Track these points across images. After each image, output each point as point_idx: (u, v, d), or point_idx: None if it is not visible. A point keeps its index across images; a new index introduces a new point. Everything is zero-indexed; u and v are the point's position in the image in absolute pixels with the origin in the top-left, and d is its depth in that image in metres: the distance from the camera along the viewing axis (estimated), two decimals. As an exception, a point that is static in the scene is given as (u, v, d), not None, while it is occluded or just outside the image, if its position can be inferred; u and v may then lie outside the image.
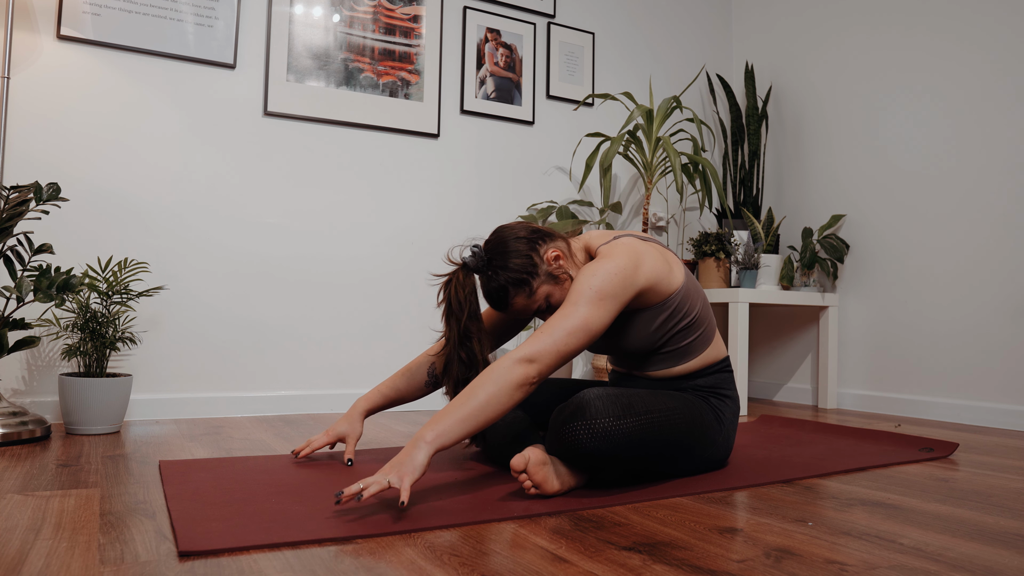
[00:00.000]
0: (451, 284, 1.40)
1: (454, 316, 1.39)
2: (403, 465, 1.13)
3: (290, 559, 0.94)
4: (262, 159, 2.44)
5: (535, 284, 1.40)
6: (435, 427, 1.17)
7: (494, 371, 1.23)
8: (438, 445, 1.16)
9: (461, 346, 1.39)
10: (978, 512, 1.27)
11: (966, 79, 2.62)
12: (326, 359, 2.52)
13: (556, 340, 1.26)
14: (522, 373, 1.23)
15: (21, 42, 2.12)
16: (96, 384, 1.90)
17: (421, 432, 1.17)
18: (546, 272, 1.41)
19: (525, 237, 1.42)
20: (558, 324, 1.28)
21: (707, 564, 0.95)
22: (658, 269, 1.41)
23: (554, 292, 1.43)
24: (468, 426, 1.19)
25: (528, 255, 1.40)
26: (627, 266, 1.35)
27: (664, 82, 3.36)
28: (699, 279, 3.02)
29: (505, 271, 1.39)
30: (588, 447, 1.26)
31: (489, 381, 1.22)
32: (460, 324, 1.38)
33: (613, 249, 1.39)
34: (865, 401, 2.89)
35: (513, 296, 1.40)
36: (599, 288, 1.31)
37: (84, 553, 0.95)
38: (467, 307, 1.38)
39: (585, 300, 1.30)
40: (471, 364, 1.39)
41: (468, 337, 1.39)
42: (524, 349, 1.25)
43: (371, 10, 2.64)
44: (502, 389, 1.21)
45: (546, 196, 2.99)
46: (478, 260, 1.41)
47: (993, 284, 2.51)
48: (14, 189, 1.81)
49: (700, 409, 1.44)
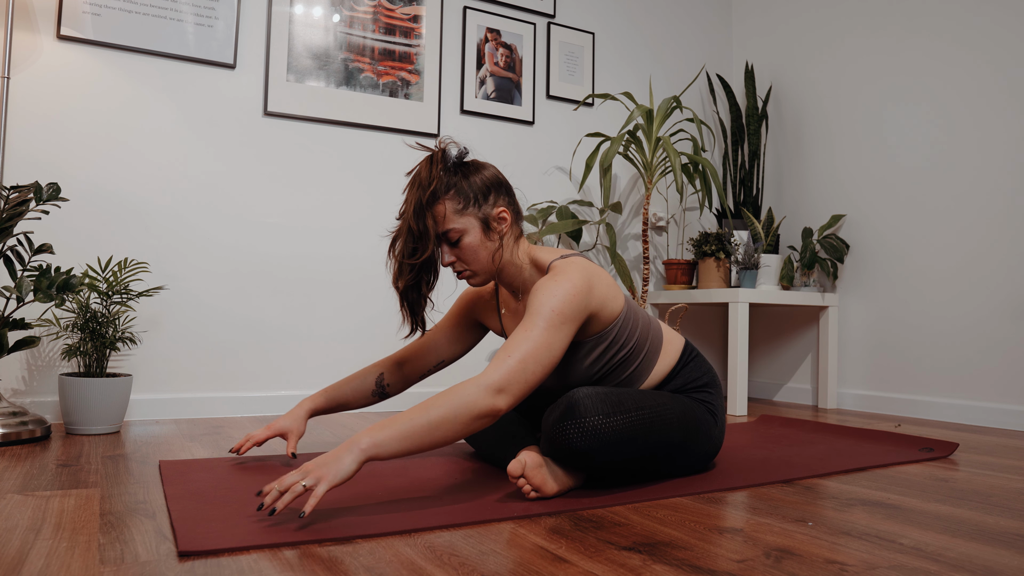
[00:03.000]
0: (427, 157, 1.37)
1: (419, 185, 1.34)
2: (327, 467, 1.08)
3: (290, 559, 0.94)
4: (262, 159, 2.44)
5: (469, 209, 1.36)
6: (375, 435, 1.11)
7: (457, 393, 1.15)
8: (372, 454, 1.10)
9: (416, 217, 1.32)
10: (978, 512, 1.27)
11: (965, 80, 2.62)
12: (326, 358, 2.52)
13: (527, 372, 1.20)
14: (488, 404, 1.16)
15: (21, 42, 2.12)
16: (96, 384, 1.90)
17: (359, 436, 1.11)
18: (485, 215, 1.37)
19: (499, 180, 1.41)
20: (528, 352, 1.21)
21: (707, 564, 0.95)
22: (606, 293, 1.36)
23: (474, 234, 1.36)
24: (410, 444, 1.12)
25: (488, 188, 1.38)
26: (583, 287, 1.29)
27: (664, 82, 3.36)
28: (699, 279, 3.02)
29: (463, 178, 1.37)
30: (579, 446, 1.26)
31: (448, 402, 1.14)
32: (423, 194, 1.32)
33: (568, 266, 1.33)
34: (865, 401, 2.89)
35: (447, 197, 1.35)
36: (560, 311, 1.25)
37: (84, 553, 0.95)
38: (434, 181, 1.34)
39: (546, 323, 1.24)
40: (420, 237, 1.32)
41: (425, 210, 1.32)
42: (494, 376, 1.18)
43: (371, 10, 2.64)
44: (460, 415, 1.14)
45: (546, 196, 2.99)
46: (458, 155, 1.40)
47: (993, 284, 2.51)
48: (14, 189, 1.81)
49: (691, 405, 1.44)
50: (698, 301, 2.93)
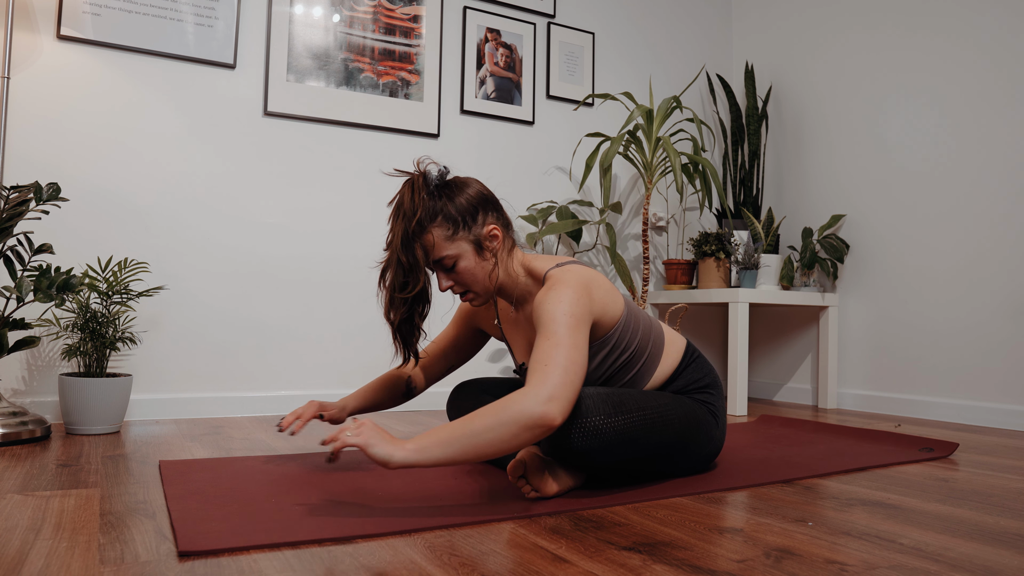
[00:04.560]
0: (408, 183, 1.34)
1: (403, 215, 1.31)
2: (380, 439, 1.12)
3: (290, 559, 0.94)
4: (262, 159, 2.44)
5: (460, 233, 1.34)
6: (420, 441, 1.13)
7: (506, 404, 1.13)
8: (413, 460, 1.11)
9: (404, 248, 1.30)
10: (978, 512, 1.27)
11: (965, 79, 2.62)
12: (326, 358, 2.52)
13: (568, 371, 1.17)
14: (541, 412, 1.12)
15: (21, 42, 2.12)
16: (96, 384, 1.90)
17: (407, 442, 1.13)
18: (476, 236, 1.36)
19: (485, 196, 1.39)
20: (559, 356, 1.18)
21: (707, 564, 0.95)
22: (606, 297, 1.35)
23: (468, 258, 1.35)
24: (451, 451, 1.11)
25: (475, 207, 1.36)
26: (583, 292, 1.29)
27: (664, 82, 3.36)
28: (699, 279, 3.02)
29: (448, 201, 1.34)
30: (580, 446, 1.26)
31: (497, 413, 1.13)
32: (409, 225, 1.30)
33: (564, 275, 1.32)
34: (865, 401, 2.89)
35: (435, 225, 1.33)
36: (572, 313, 1.24)
37: (84, 553, 0.95)
38: (419, 210, 1.31)
39: (566, 327, 1.22)
40: (411, 269, 1.31)
41: (413, 240, 1.31)
42: (540, 386, 1.15)
43: (371, 10, 2.64)
44: (508, 425, 1.12)
45: (546, 196, 2.99)
46: (438, 176, 1.37)
47: (993, 283, 2.51)
48: (14, 189, 1.81)
49: (693, 406, 1.44)
50: (698, 301, 2.93)
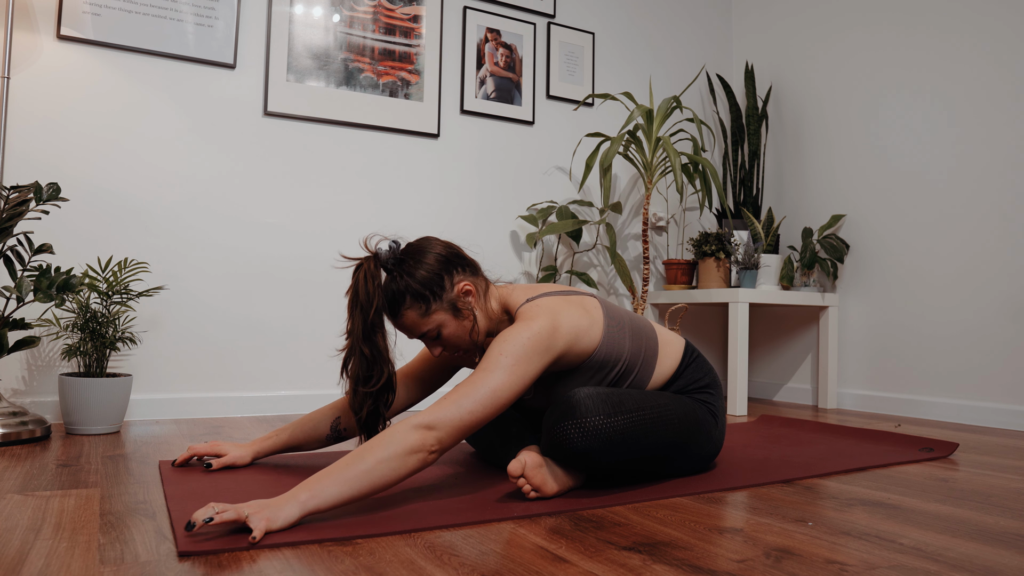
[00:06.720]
0: (360, 271, 1.29)
1: (360, 307, 1.27)
2: (271, 509, 1.03)
3: (290, 559, 0.94)
4: (262, 159, 2.44)
5: (433, 306, 1.31)
6: (312, 487, 1.07)
7: (387, 435, 1.13)
8: (311, 508, 1.06)
9: (365, 341, 1.27)
10: (978, 512, 1.27)
11: (966, 78, 2.62)
12: (325, 359, 2.52)
13: (461, 410, 1.17)
14: (418, 439, 1.13)
15: (21, 42, 2.12)
16: (96, 384, 1.90)
17: (297, 489, 1.07)
18: (450, 300, 1.33)
19: (444, 256, 1.35)
20: (466, 393, 1.19)
21: (707, 564, 0.95)
22: (578, 327, 1.33)
23: (449, 324, 1.33)
24: (348, 490, 1.08)
25: (439, 275, 1.32)
26: (543, 330, 1.27)
27: (664, 82, 3.36)
28: (699, 279, 3.02)
29: (410, 278, 1.31)
30: (579, 446, 1.26)
31: (381, 445, 1.12)
32: (367, 317, 1.26)
33: (531, 311, 1.31)
34: (865, 401, 2.89)
35: (406, 307, 1.31)
36: (513, 354, 1.23)
37: (84, 553, 0.95)
38: (375, 299, 1.27)
39: (498, 368, 1.21)
40: (374, 361, 1.28)
41: (373, 331, 1.27)
42: (425, 415, 1.15)
43: (371, 10, 2.64)
44: (393, 454, 1.11)
45: (546, 196, 2.99)
46: (390, 255, 1.33)
47: (993, 284, 2.51)
48: (14, 189, 1.81)
49: (692, 406, 1.44)
50: (698, 301, 2.93)
